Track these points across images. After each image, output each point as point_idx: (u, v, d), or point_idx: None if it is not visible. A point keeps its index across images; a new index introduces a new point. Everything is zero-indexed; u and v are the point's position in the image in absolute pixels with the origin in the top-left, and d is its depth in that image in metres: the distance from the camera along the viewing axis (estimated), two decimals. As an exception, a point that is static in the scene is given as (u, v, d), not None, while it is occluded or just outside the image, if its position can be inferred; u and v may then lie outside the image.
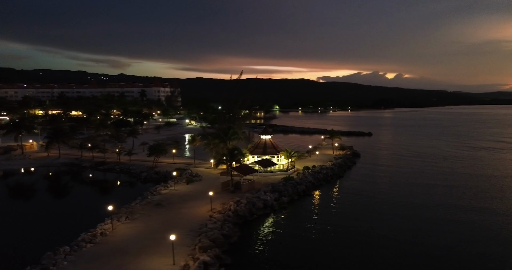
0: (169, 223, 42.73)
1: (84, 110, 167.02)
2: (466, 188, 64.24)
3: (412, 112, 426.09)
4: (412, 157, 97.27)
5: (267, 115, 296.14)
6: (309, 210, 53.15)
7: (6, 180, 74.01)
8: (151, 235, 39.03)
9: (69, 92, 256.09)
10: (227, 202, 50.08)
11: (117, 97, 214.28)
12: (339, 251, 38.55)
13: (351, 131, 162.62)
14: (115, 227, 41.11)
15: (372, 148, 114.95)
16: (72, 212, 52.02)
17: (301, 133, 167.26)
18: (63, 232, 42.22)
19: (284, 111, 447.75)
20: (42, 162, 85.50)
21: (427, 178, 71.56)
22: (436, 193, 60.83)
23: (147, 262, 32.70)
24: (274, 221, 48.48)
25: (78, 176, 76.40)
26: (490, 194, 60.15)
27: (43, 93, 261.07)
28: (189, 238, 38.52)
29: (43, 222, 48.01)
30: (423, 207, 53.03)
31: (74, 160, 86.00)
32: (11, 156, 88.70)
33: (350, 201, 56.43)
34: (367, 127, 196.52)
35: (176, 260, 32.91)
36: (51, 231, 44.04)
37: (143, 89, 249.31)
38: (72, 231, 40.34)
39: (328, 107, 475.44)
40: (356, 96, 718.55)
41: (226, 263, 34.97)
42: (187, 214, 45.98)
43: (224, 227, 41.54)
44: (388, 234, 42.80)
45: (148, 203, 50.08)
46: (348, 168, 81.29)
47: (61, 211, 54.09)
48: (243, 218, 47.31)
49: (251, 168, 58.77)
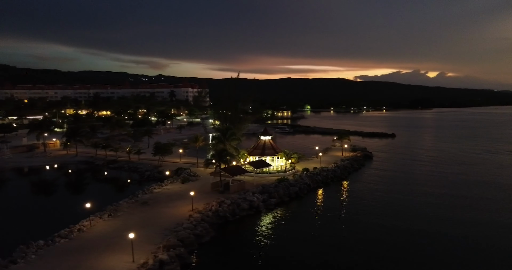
0: (147, 222, 43.99)
1: (112, 110, 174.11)
2: (473, 198, 59.19)
3: (451, 112, 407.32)
4: (427, 162, 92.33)
5: (294, 115, 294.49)
6: (296, 212, 52.72)
7: (22, 175, 78.95)
8: (124, 232, 40.31)
9: (104, 92, 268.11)
10: (210, 202, 50.75)
11: (147, 98, 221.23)
12: (311, 259, 37.57)
13: (374, 132, 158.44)
14: (95, 224, 42.89)
15: (389, 150, 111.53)
16: (66, 208, 54.37)
17: (322, 134, 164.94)
18: (50, 227, 44.30)
19: (315, 111, 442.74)
20: (60, 160, 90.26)
21: (432, 186, 67.03)
22: (435, 203, 56.31)
23: (108, 258, 33.94)
24: (256, 222, 48.51)
25: (88, 174, 79.94)
26: (502, 206, 55.20)
27: (80, 93, 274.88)
28: (160, 237, 39.50)
29: (36, 216, 50.75)
30: (415, 219, 48.99)
31: (89, 158, 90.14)
32: (33, 154, 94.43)
33: (341, 206, 54.67)
34: (394, 128, 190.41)
35: (138, 257, 33.95)
36: (40, 225, 46.36)
37: (172, 89, 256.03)
38: (58, 226, 42.30)
39: (362, 107, 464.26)
40: (394, 96, 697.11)
41: (187, 262, 35.71)
42: (167, 213, 47.07)
43: (197, 227, 42.17)
44: (368, 247, 40.23)
45: (136, 202, 51.66)
46: (354, 170, 79.49)
47: (57, 206, 56.75)
48: (223, 218, 47.77)
49: (241, 169, 59.08)
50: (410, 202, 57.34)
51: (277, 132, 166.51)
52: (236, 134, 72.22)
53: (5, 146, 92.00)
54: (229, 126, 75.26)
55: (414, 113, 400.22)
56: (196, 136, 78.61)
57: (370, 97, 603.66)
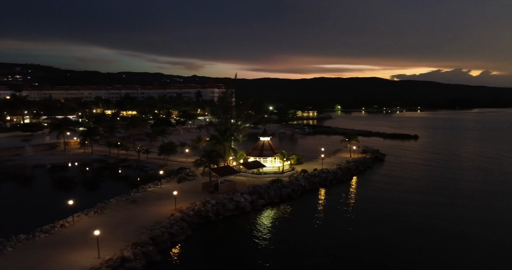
0: (128, 220, 45.50)
1: (138, 110, 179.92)
2: (480, 209, 54.28)
3: (492, 113, 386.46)
4: (440, 167, 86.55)
5: (321, 116, 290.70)
6: (282, 215, 52.42)
7: (38, 172, 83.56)
8: (101, 229, 41.88)
9: (134, 93, 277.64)
10: (195, 202, 51.61)
11: (173, 98, 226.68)
12: (281, 263, 37.23)
13: (396, 134, 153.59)
14: (79, 220, 44.90)
15: (405, 153, 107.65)
16: (62, 203, 56.65)
17: (343, 135, 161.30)
18: (40, 221, 46.51)
19: (346, 111, 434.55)
20: (76, 158, 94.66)
21: (437, 195, 62.01)
22: (430, 214, 51.74)
23: (76, 254, 35.49)
24: (238, 223, 48.94)
25: (97, 171, 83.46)
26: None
27: (113, 94, 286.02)
28: (136, 235, 40.75)
29: (31, 210, 53.62)
30: (407, 232, 44.95)
31: (103, 156, 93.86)
32: (53, 152, 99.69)
33: (329, 212, 53.08)
34: (421, 129, 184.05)
35: (106, 254, 35.35)
36: (30, 219, 48.69)
37: (199, 90, 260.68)
38: (47, 221, 44.35)
39: (395, 108, 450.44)
40: (432, 96, 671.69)
41: (153, 260, 36.67)
42: (151, 212, 48.35)
43: (173, 226, 43.12)
44: (345, 254, 39.14)
45: (126, 200, 53.42)
46: (359, 172, 77.85)
47: (54, 201, 58.73)
48: (205, 218, 48.48)
49: (231, 169, 59.54)
50: (402, 212, 52.55)
51: (297, 132, 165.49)
52: (234, 135, 72.73)
53: (27, 144, 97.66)
54: (228, 127, 75.82)
55: (451, 113, 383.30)
56: (199, 137, 79.77)
57: (406, 97, 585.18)
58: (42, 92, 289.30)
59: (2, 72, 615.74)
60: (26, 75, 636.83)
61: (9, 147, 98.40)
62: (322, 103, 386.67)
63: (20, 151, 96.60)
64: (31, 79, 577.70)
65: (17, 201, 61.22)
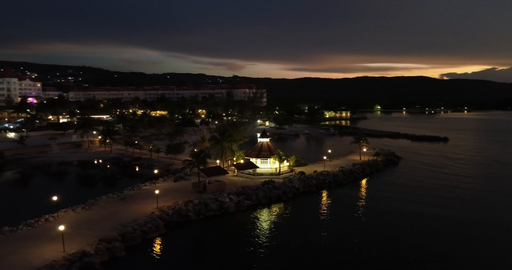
0: (110, 216, 47.46)
1: (168, 110, 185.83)
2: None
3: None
4: (459, 175, 78.31)
5: (355, 116, 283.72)
6: (265, 217, 52.44)
7: (57, 167, 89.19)
8: (79, 225, 44.23)
9: (170, 93, 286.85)
10: (179, 201, 52.82)
11: (205, 99, 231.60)
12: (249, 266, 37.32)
13: (425, 136, 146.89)
14: (65, 215, 47.54)
15: (426, 157, 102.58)
16: (60, 198, 59.67)
17: (369, 136, 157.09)
18: (34, 214, 49.62)
19: (386, 111, 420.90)
20: (96, 156, 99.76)
21: (439, 206, 55.91)
22: (425, 232, 45.44)
23: (45, 247, 37.66)
24: (217, 223, 49.58)
25: (111, 169, 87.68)
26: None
27: (150, 94, 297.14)
28: (109, 230, 42.60)
29: (28, 204, 57.08)
30: (395, 249, 40.73)
31: (120, 155, 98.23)
32: (77, 150, 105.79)
33: (315, 217, 51.71)
34: (456, 131, 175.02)
35: (71, 248, 37.35)
36: (23, 212, 51.25)
37: (230, 90, 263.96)
38: (40, 214, 47.48)
39: (439, 108, 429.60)
40: (484, 95, 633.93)
41: (116, 256, 38.16)
42: (134, 210, 50.05)
43: (147, 224, 44.52)
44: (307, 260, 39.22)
45: (117, 197, 55.61)
46: (364, 175, 75.79)
47: (54, 195, 62.70)
48: (185, 217, 49.52)
49: (220, 170, 60.15)
50: (390, 226, 47.66)
51: (321, 133, 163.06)
52: (233, 136, 73.35)
53: (53, 142, 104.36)
54: (227, 128, 76.59)
55: (500, 114, 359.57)
56: (203, 137, 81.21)
57: (455, 97, 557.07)
58: (86, 93, 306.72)
59: (56, 74, 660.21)
60: (77, 76, 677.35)
61: (38, 144, 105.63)
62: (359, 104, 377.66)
63: (47, 149, 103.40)
64: (81, 80, 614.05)
65: (23, 194, 65.71)
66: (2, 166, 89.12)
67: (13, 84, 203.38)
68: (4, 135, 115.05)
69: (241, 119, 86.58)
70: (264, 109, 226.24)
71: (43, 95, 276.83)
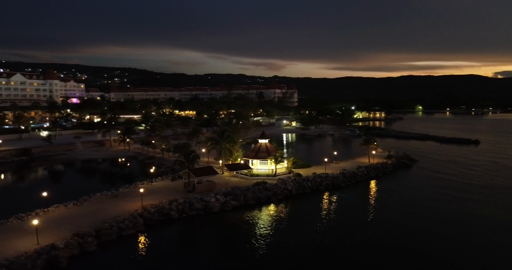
0: (97, 212, 49.76)
1: (196, 110, 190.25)
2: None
3: None
4: (475, 185, 69.66)
5: (389, 117, 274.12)
6: (248, 218, 52.50)
7: (77, 164, 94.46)
8: (63, 219, 46.85)
9: (203, 94, 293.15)
10: (167, 199, 54.35)
11: (234, 99, 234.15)
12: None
13: (455, 138, 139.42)
14: (55, 210, 50.52)
15: (447, 160, 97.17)
16: (60, 193, 62.73)
17: (396, 138, 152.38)
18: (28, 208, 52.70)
19: (428, 112, 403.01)
20: (115, 154, 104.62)
21: (434, 222, 49.32)
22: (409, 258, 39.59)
23: (22, 239, 40.31)
24: (198, 223, 50.66)
25: (122, 166, 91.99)
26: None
27: (185, 95, 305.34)
28: (89, 226, 44.86)
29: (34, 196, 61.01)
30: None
31: (136, 153, 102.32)
32: (99, 148, 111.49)
33: (296, 221, 50.80)
34: (494, 133, 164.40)
35: (47, 242, 39.83)
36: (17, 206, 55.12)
37: (261, 91, 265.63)
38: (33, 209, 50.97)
39: (487, 108, 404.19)
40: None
41: (86, 251, 40.12)
42: (121, 207, 52.08)
43: (125, 221, 46.33)
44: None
45: (111, 194, 58.11)
46: (368, 179, 73.64)
47: (56, 190, 65.72)
48: (167, 216, 50.88)
49: (210, 170, 60.91)
50: (369, 246, 42.28)
51: (347, 134, 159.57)
52: (231, 136, 73.96)
53: (78, 141, 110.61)
54: (226, 128, 77.37)
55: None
56: (207, 138, 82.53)
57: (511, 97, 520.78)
58: (126, 93, 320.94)
59: (103, 75, 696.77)
60: (122, 78, 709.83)
61: (64, 143, 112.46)
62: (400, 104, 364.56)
63: (72, 147, 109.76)
64: (126, 81, 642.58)
65: (29, 188, 70.22)
66: (29, 162, 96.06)
67: (54, 85, 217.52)
68: (37, 133, 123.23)
69: (242, 120, 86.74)
70: (293, 109, 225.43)
71: (86, 96, 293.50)
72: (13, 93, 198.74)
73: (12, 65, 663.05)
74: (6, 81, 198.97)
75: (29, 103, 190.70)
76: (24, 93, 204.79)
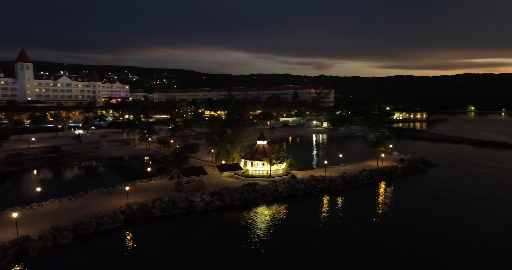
0: (85, 208, 52.57)
1: (226, 110, 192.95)
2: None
3: None
4: (491, 198, 61.72)
5: (432, 118, 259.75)
6: (230, 218, 53.23)
7: (101, 161, 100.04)
8: (50, 213, 50.10)
9: (239, 94, 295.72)
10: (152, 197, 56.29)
11: (269, 99, 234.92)
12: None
13: (491, 142, 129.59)
14: (49, 204, 54.19)
15: (474, 166, 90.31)
16: (61, 188, 66.12)
17: (428, 140, 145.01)
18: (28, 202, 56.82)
19: (482, 113, 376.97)
20: (137, 153, 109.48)
21: (429, 244, 42.92)
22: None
23: (6, 230, 43.83)
24: (178, 221, 52.08)
25: (137, 164, 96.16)
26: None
27: (223, 95, 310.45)
28: (71, 220, 47.70)
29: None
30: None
31: (154, 152, 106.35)
32: (123, 147, 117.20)
33: (277, 224, 50.63)
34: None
35: (26, 233, 43.09)
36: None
37: (296, 91, 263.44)
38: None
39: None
40: None
41: (59, 243, 42.82)
42: (108, 203, 54.63)
43: (104, 217, 48.71)
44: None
45: (106, 191, 61.05)
46: (371, 183, 71.23)
47: (58, 186, 69.87)
48: (149, 213, 52.74)
49: (199, 170, 61.92)
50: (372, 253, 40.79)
51: (376, 135, 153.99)
52: (229, 137, 74.56)
53: (104, 140, 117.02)
54: (225, 129, 78.06)
55: None
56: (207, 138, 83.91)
57: None
58: (168, 94, 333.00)
59: (153, 76, 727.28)
60: (170, 78, 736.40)
61: (92, 141, 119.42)
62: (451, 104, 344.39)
63: (99, 145, 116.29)
64: (174, 82, 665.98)
65: (37, 182, 75.15)
66: (58, 159, 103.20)
67: (97, 86, 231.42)
68: (72, 132, 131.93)
69: (243, 122, 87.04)
70: (327, 109, 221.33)
71: (130, 97, 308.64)
72: (60, 94, 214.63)
73: (73, 67, 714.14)
74: (53, 83, 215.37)
75: (73, 103, 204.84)
76: (69, 94, 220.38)
